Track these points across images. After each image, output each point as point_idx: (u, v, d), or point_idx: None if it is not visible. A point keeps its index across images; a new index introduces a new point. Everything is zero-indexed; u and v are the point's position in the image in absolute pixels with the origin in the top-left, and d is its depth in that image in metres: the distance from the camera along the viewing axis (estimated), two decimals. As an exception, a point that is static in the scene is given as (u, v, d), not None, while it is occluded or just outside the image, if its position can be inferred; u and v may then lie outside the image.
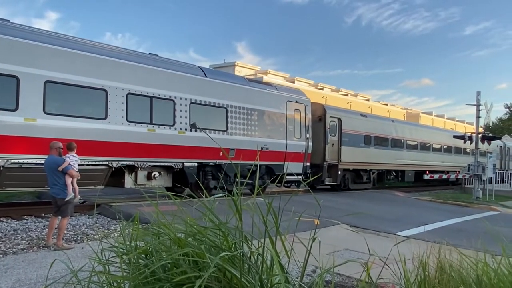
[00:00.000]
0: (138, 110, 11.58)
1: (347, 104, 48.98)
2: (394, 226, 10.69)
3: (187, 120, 12.67)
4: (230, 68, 43.89)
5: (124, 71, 11.36)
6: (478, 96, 21.81)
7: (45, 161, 7.21)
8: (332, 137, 18.65)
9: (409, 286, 3.38)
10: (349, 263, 3.17)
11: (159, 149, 11.95)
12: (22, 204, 11.28)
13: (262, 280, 2.24)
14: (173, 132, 12.30)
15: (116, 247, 2.68)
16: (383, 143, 22.06)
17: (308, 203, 3.48)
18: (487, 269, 3.36)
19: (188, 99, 12.75)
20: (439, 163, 27.00)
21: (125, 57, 11.60)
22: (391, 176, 23.59)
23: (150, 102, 11.81)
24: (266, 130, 15.17)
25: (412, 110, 69.31)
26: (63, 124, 10.05)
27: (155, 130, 11.82)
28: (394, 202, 17.26)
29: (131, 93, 11.41)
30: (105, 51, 11.27)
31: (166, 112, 12.22)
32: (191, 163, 12.79)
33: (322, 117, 18.37)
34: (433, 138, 26.96)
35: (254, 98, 14.87)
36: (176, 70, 12.74)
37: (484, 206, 17.54)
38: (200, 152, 12.99)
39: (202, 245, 2.37)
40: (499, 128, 59.09)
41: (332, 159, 18.53)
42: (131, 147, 11.33)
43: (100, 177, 10.77)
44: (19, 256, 6.34)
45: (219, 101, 13.67)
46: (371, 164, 21.07)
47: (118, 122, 11.10)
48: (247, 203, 2.67)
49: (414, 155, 24.51)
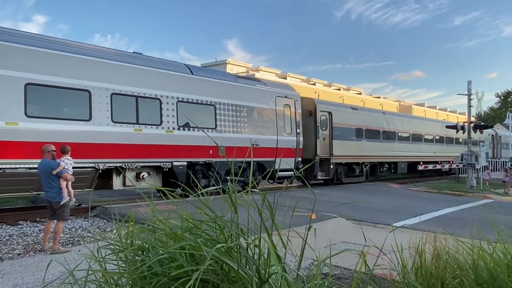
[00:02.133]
0: (123, 110, 11.42)
1: (340, 98, 49.07)
2: (390, 217, 10.75)
3: (174, 119, 12.52)
4: (222, 66, 43.79)
5: (107, 71, 11.18)
6: (469, 85, 21.99)
7: (39, 165, 7.13)
8: (323, 131, 18.61)
9: (406, 273, 3.40)
10: (347, 255, 3.18)
11: (146, 149, 11.80)
12: (17, 209, 11.19)
13: (260, 271, 2.24)
14: (161, 132, 12.16)
15: (112, 245, 2.67)
16: (375, 136, 22.09)
17: (303, 197, 3.49)
18: (483, 254, 3.39)
19: (175, 98, 12.61)
20: (432, 154, 27.11)
21: (108, 57, 11.41)
22: (383, 168, 23.64)
23: (135, 101, 11.66)
24: (256, 126, 15.08)
25: (405, 102, 69.68)
26: (46, 127, 9.88)
27: (141, 130, 11.68)
28: (390, 194, 17.36)
29: (116, 93, 11.24)
30: (87, 51, 11.07)
31: (153, 111, 12.07)
32: (180, 163, 12.67)
33: (312, 111, 18.32)
34: (425, 129, 27.06)
35: (242, 94, 14.79)
36: (162, 68, 12.59)
37: (479, 195, 17.70)
38: (189, 151, 12.88)
39: (198, 239, 2.37)
40: (491, 117, 59.64)
41: (324, 153, 18.50)
42: (118, 148, 11.15)
43: (88, 180, 10.58)
44: (16, 261, 6.30)
45: (207, 98, 13.57)
46: (363, 157, 21.09)
47: (103, 123, 10.93)
48: (243, 198, 2.67)
49: (406, 147, 24.58)
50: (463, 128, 22.21)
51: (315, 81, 54.97)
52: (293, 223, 2.81)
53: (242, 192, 2.69)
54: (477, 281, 3.22)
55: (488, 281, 3.15)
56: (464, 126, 22.24)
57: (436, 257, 3.49)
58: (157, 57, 13.51)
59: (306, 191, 3.09)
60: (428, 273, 3.40)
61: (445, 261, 3.47)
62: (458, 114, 69.86)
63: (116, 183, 11.49)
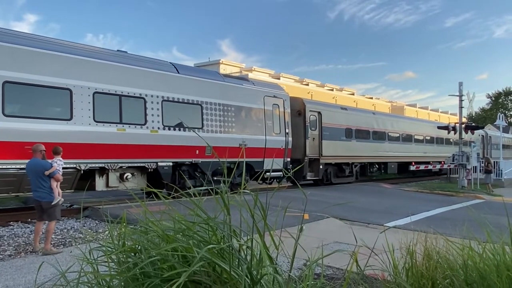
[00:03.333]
0: (106, 109, 11.16)
1: (333, 98, 49.30)
2: (382, 217, 10.81)
3: (159, 118, 12.28)
4: (215, 66, 43.78)
5: (90, 69, 10.92)
6: (461, 86, 22.15)
7: (28, 164, 7.06)
8: (313, 132, 18.46)
9: (397, 273, 3.43)
10: (340, 255, 3.21)
11: (130, 149, 11.54)
12: (8, 210, 11.09)
13: (251, 272, 2.25)
14: (145, 131, 11.92)
15: (104, 246, 2.67)
16: (365, 136, 21.96)
17: (295, 198, 3.50)
18: (472, 254, 3.43)
19: (160, 97, 12.38)
20: (422, 154, 27.13)
21: (90, 55, 11.14)
22: (373, 168, 23.48)
23: (119, 100, 11.41)
24: (243, 126, 14.85)
25: (397, 103, 70.17)
26: (25, 127, 9.62)
27: (125, 129, 11.42)
28: (382, 194, 17.46)
29: (98, 92, 10.99)
30: (69, 49, 10.81)
31: (137, 110, 11.84)
32: (165, 163, 12.43)
33: (301, 111, 18.13)
34: (415, 130, 27.05)
35: (230, 93, 14.57)
36: (146, 67, 12.34)
37: (470, 195, 17.86)
38: (175, 151, 12.65)
39: (190, 240, 2.37)
40: (482, 118, 60.23)
41: (313, 153, 18.34)
42: (100, 148, 10.90)
43: (69, 181, 10.28)
44: (6, 262, 6.25)
45: (193, 97, 13.33)
46: (353, 157, 20.95)
47: (85, 123, 10.67)
48: (235, 199, 2.68)
49: (397, 147, 24.55)
50: (454, 129, 22.38)
51: (308, 82, 55.16)
52: (286, 223, 2.82)
53: (234, 193, 2.69)
54: (467, 281, 3.26)
55: (478, 281, 3.19)
56: (455, 127, 22.41)
57: (427, 258, 3.52)
58: (143, 56, 13.30)
59: (298, 192, 3.09)
60: (419, 273, 3.43)
61: (436, 261, 3.50)
62: (449, 115, 70.54)
63: (99, 184, 11.26)
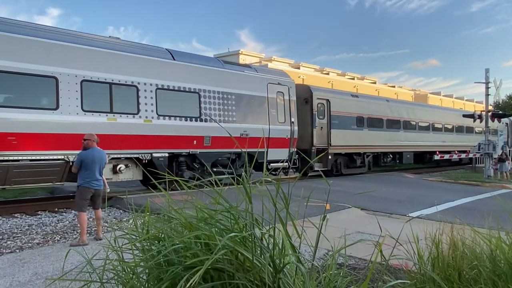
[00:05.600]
0: (95, 98, 10.79)
1: (354, 87, 48.64)
2: (405, 207, 10.66)
3: (153, 107, 11.82)
4: (235, 56, 43.74)
5: (77, 56, 10.47)
6: (487, 73, 21.50)
7: (95, 153, 7.00)
8: (321, 120, 17.72)
9: (422, 263, 3.37)
10: (362, 246, 3.16)
11: (122, 139, 11.10)
12: (36, 200, 11.44)
13: (274, 260, 2.24)
14: (138, 121, 11.47)
15: (128, 234, 2.71)
16: (378, 125, 20.98)
17: (316, 188, 3.46)
18: (500, 244, 3.33)
19: (154, 85, 11.89)
20: (440, 143, 25.93)
21: (77, 41, 10.66)
22: (388, 159, 22.32)
23: (109, 89, 10.98)
24: (245, 115, 14.27)
25: (420, 91, 68.71)
26: (7, 116, 9.29)
27: (116, 119, 10.99)
28: (404, 184, 17.19)
29: (87, 79, 10.57)
30: (54, 35, 10.36)
31: (129, 99, 11.39)
32: (161, 154, 11.99)
33: (308, 99, 17.43)
34: (433, 118, 25.79)
35: (230, 81, 13.96)
36: (139, 53, 11.87)
37: (496, 185, 17.42)
38: (171, 141, 12.19)
39: (213, 228, 2.38)
40: (509, 105, 58.30)
41: (321, 143, 17.63)
42: None
43: (58, 173, 10.02)
44: (35, 250, 6.45)
45: (191, 85, 12.79)
46: (365, 147, 20.04)
47: (72, 112, 10.26)
48: (257, 188, 2.67)
49: (413, 136, 23.46)
50: (480, 117, 21.78)
51: (329, 71, 54.53)
52: (308, 213, 2.80)
53: (255, 182, 2.68)
54: (495, 272, 3.17)
55: (507, 272, 3.11)
56: (481, 115, 21.80)
57: (453, 248, 3.45)
58: (137, 42, 12.86)
59: (318, 181, 3.05)
60: (445, 263, 3.36)
61: (462, 252, 3.43)
62: (475, 103, 68.65)
63: None
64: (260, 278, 2.26)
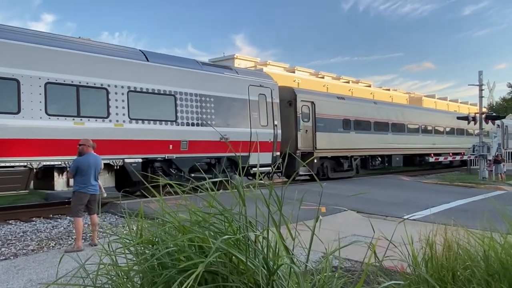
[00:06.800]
0: (61, 101, 10.33)
1: (349, 91, 48.84)
2: (401, 210, 10.69)
3: (125, 110, 11.35)
4: (230, 61, 43.80)
5: (41, 57, 10.04)
6: (480, 76, 21.65)
7: (90, 158, 6.93)
8: (305, 123, 17.30)
9: (416, 264, 3.39)
10: (359, 248, 3.15)
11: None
12: (30, 206, 11.37)
13: (268, 262, 2.25)
14: (108, 125, 11.02)
15: (122, 238, 2.71)
16: (365, 127, 20.63)
17: (309, 190, 3.46)
18: (494, 245, 3.36)
19: (126, 87, 11.46)
20: (430, 146, 25.60)
21: (41, 42, 10.22)
22: (376, 162, 22.01)
23: (76, 91, 10.53)
24: (225, 118, 13.83)
25: (415, 94, 69.10)
26: None
27: (84, 123, 10.55)
28: (400, 187, 17.24)
29: (51, 82, 10.10)
30: (14, 35, 9.90)
31: (98, 102, 10.96)
32: (133, 159, 11.48)
33: (292, 101, 16.98)
34: (422, 120, 25.50)
35: (209, 83, 13.54)
36: (110, 54, 11.42)
37: (491, 186, 17.51)
38: (144, 146, 11.71)
39: (206, 231, 2.39)
40: (503, 108, 58.72)
41: (306, 147, 17.19)
42: (55, 144, 10.02)
43: (21, 181, 9.58)
44: (30, 257, 6.41)
45: (166, 87, 12.35)
46: (352, 150, 19.66)
47: (35, 116, 9.79)
48: (250, 192, 2.68)
49: (401, 138, 23.07)
50: (474, 119, 21.92)
51: (324, 74, 54.72)
52: (303, 217, 2.80)
53: (250, 186, 2.69)
54: (488, 272, 3.19)
55: (500, 272, 3.13)
56: (475, 117, 21.94)
57: (446, 249, 3.47)
58: (109, 43, 12.42)
59: (312, 185, 3.07)
60: (438, 264, 3.38)
61: (456, 252, 3.45)
62: (469, 105, 69.10)
63: (58, 183, 10.38)
64: (255, 280, 2.27)
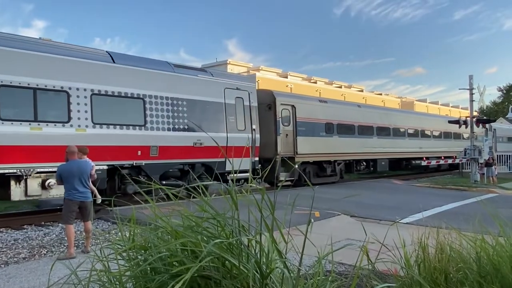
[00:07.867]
0: (16, 105, 9.90)
1: (341, 96, 49.08)
2: (394, 213, 10.73)
3: (87, 115, 10.80)
4: (223, 66, 43.88)
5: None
6: (471, 80, 21.91)
7: (72, 165, 6.80)
8: (286, 127, 16.78)
9: (409, 267, 3.41)
10: (353, 252, 3.17)
11: (50, 151, 9.94)
12: (22, 213, 11.25)
13: (261, 266, 2.25)
14: (69, 131, 10.44)
15: (114, 244, 2.70)
16: (349, 131, 20.13)
17: (301, 195, 3.46)
18: (485, 247, 3.39)
19: (89, 90, 10.91)
20: (417, 150, 25.31)
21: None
22: (361, 166, 21.45)
23: (33, 95, 9.99)
24: (199, 122, 13.28)
25: (407, 99, 69.59)
26: None
27: (41, 128, 10.00)
28: (393, 190, 17.33)
29: (5, 85, 9.59)
30: None
31: (58, 106, 10.43)
32: (98, 166, 10.68)
33: (271, 105, 16.50)
34: (408, 123, 25.12)
35: (181, 86, 13.03)
36: (72, 56, 10.88)
37: (483, 189, 17.65)
38: (110, 152, 11.16)
39: (199, 236, 2.38)
40: (494, 111, 59.38)
41: (287, 151, 16.68)
42: (9, 151, 9.52)
43: None
44: (21, 265, 6.34)
45: (133, 90, 11.83)
46: (335, 154, 19.09)
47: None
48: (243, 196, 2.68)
49: (387, 142, 22.61)
50: (465, 123, 22.13)
51: (316, 79, 54.96)
52: (296, 221, 2.80)
53: (241, 186, 2.69)
54: (480, 274, 3.22)
55: (491, 273, 3.15)
56: (466, 121, 22.15)
57: (439, 251, 3.49)
58: (72, 44, 11.77)
59: (304, 189, 3.08)
60: (431, 266, 3.40)
61: (448, 255, 3.47)
62: (460, 109, 69.73)
63: (16, 192, 9.76)
64: (248, 284, 2.26)
